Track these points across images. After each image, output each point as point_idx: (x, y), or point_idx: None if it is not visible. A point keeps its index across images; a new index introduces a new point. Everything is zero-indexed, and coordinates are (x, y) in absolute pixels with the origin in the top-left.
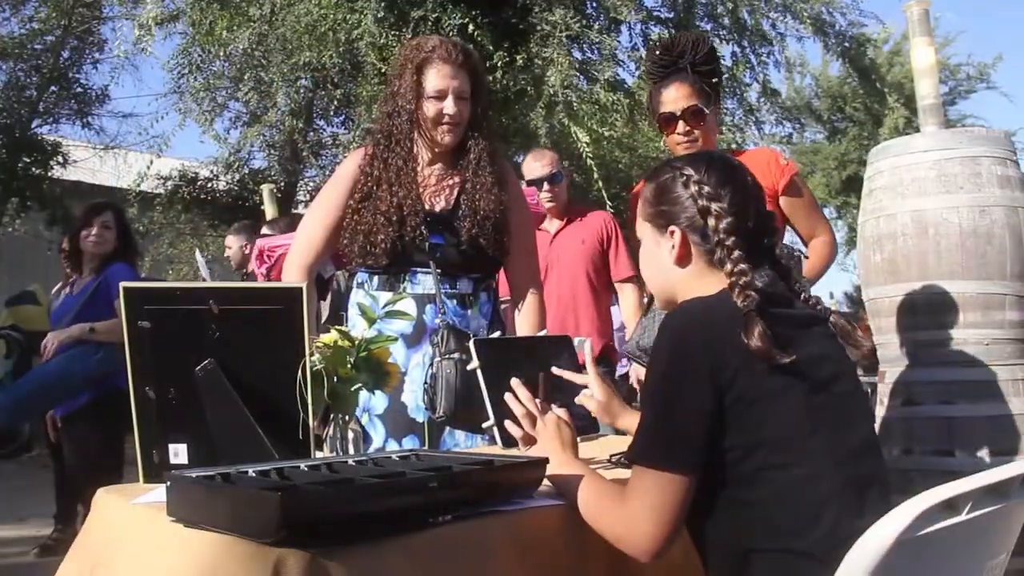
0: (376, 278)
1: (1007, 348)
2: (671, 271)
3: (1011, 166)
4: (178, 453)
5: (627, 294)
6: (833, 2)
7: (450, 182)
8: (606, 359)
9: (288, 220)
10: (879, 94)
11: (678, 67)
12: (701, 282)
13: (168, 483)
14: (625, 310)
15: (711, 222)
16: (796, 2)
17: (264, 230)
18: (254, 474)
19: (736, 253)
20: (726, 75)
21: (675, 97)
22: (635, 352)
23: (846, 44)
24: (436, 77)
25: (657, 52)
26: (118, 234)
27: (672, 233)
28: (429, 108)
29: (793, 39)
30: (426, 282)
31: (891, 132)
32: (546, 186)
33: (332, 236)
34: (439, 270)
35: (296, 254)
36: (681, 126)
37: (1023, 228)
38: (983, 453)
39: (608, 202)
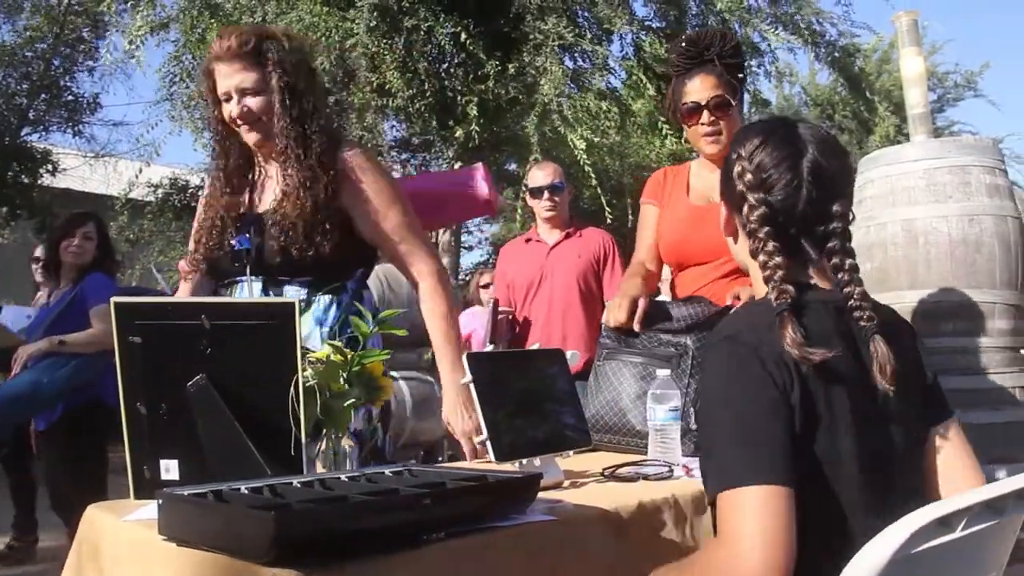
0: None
1: (997, 356)
2: (732, 245)
3: (999, 175)
4: (169, 469)
5: None
6: (824, 13)
7: (272, 182)
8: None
9: None
10: (869, 102)
11: (704, 59)
12: (754, 263)
13: (160, 501)
14: None
15: (745, 210)
16: (787, 13)
17: None
18: (246, 491)
19: (770, 245)
20: None
21: (700, 87)
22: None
23: (836, 54)
24: (219, 79)
25: (683, 45)
26: (98, 245)
27: (723, 206)
28: (225, 112)
29: (783, 49)
30: (254, 290)
31: (882, 140)
32: (547, 195)
33: None
34: (253, 276)
35: None
36: (706, 116)
37: (1012, 237)
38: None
39: (607, 208)
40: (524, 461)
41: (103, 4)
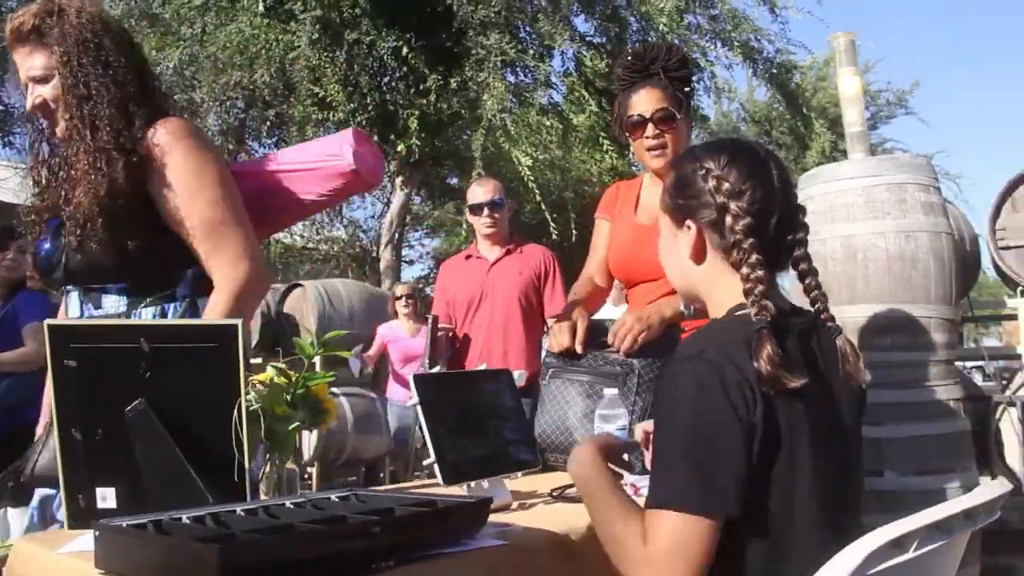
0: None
1: (932, 369)
2: (688, 266)
3: (934, 192)
4: (106, 497)
5: None
6: (761, 31)
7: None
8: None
9: None
10: (805, 118)
11: (649, 72)
12: (722, 282)
13: (96, 532)
14: None
15: (728, 221)
16: (726, 30)
17: None
18: (188, 520)
19: (754, 257)
20: None
21: (645, 101)
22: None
23: (773, 70)
24: (18, 69)
25: (629, 59)
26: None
27: (688, 228)
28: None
29: (722, 66)
30: (71, 303)
31: (818, 156)
32: (486, 211)
33: None
34: (70, 286)
35: None
36: (650, 129)
37: (945, 253)
38: (910, 472)
39: (552, 224)
40: (472, 483)
41: None
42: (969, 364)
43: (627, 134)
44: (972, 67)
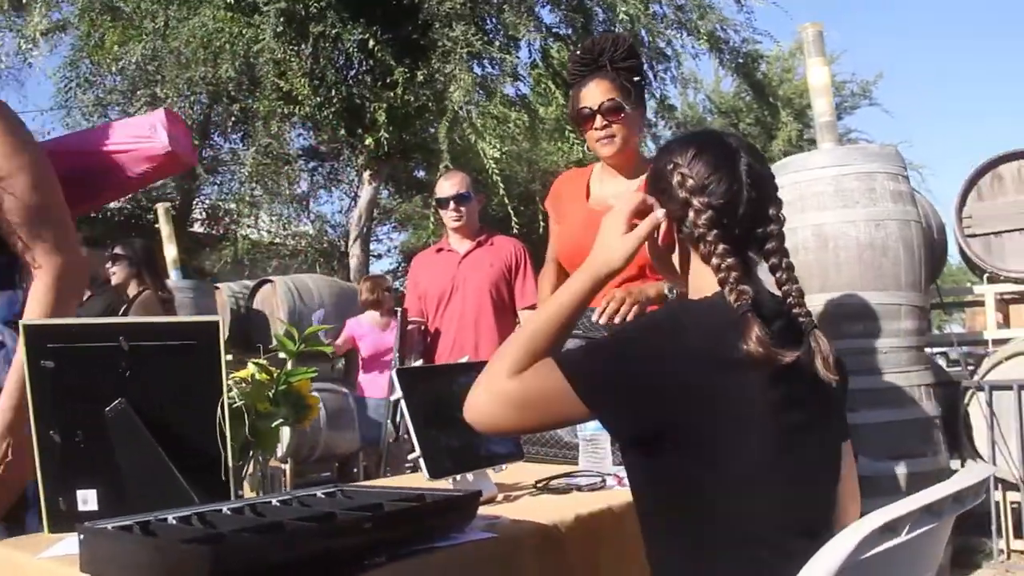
0: None
1: (903, 356)
2: (664, 256)
3: (902, 181)
4: (87, 500)
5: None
6: (727, 20)
7: None
8: None
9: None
10: (772, 107)
11: (598, 65)
12: (697, 270)
13: (81, 535)
14: None
15: (691, 216)
16: (692, 20)
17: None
18: (175, 521)
19: (720, 247)
20: None
21: (593, 93)
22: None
23: (740, 60)
24: None
25: (578, 53)
26: None
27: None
28: None
29: (688, 55)
30: None
31: (784, 145)
32: (452, 205)
33: None
34: None
35: None
36: (599, 121)
37: (915, 240)
38: (883, 456)
39: (515, 217)
40: (458, 477)
41: None
42: (934, 350)
43: (578, 127)
44: (935, 59)
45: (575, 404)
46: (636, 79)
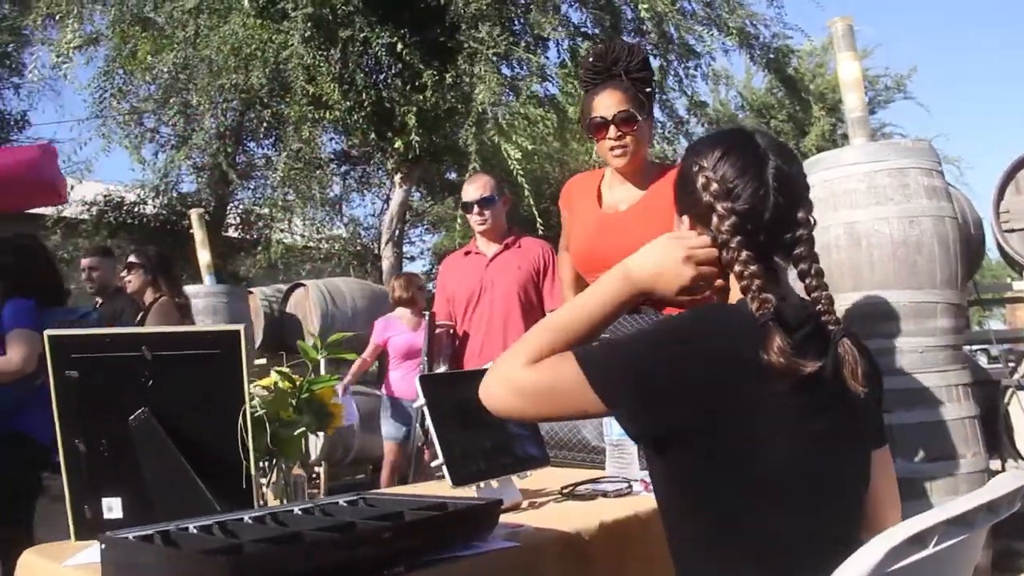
0: None
1: (939, 355)
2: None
3: (936, 176)
4: (112, 508)
5: None
6: (757, 15)
7: None
8: None
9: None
10: (804, 103)
11: (612, 74)
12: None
13: (103, 545)
14: None
15: (715, 220)
16: (721, 16)
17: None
18: (195, 530)
19: (744, 254)
20: (655, 89)
21: (607, 103)
22: None
23: (771, 56)
24: None
25: (591, 59)
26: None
27: (683, 221)
28: None
29: (719, 52)
30: None
31: (817, 140)
32: (477, 209)
33: None
34: None
35: None
36: (612, 131)
37: (950, 236)
38: (919, 458)
39: (538, 218)
40: (482, 484)
41: (29, 18)
42: (975, 347)
43: (590, 135)
44: (971, 51)
45: (592, 400)
46: (648, 90)
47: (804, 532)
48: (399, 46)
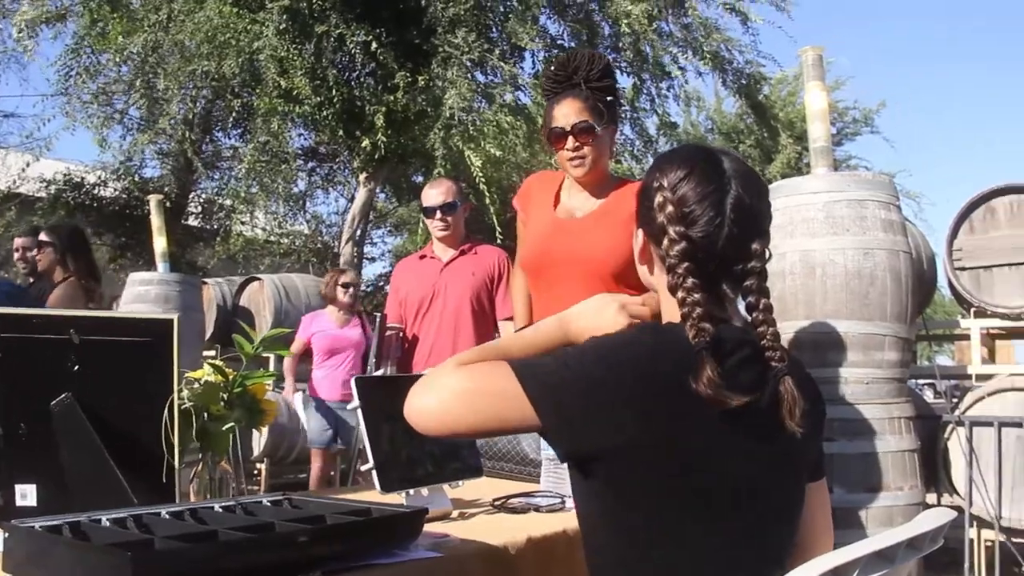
0: None
1: (884, 387)
2: (642, 269)
3: (894, 210)
4: (26, 495)
5: (509, 332)
6: (732, 41)
7: None
8: None
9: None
10: (772, 130)
11: (572, 83)
12: (670, 297)
13: (6, 533)
14: None
15: (665, 243)
16: (697, 39)
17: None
18: (108, 523)
19: (689, 282)
20: (626, 107)
21: (566, 112)
22: None
23: (743, 81)
24: None
25: (552, 68)
26: None
27: (639, 234)
28: None
29: (692, 74)
30: None
31: (782, 167)
32: (439, 214)
33: None
34: None
35: None
36: (570, 142)
37: (903, 271)
38: (858, 488)
39: (498, 228)
40: (411, 491)
41: None
42: (922, 381)
43: (550, 144)
44: (937, 88)
45: (524, 408)
46: (610, 99)
47: (724, 559)
48: (374, 45)
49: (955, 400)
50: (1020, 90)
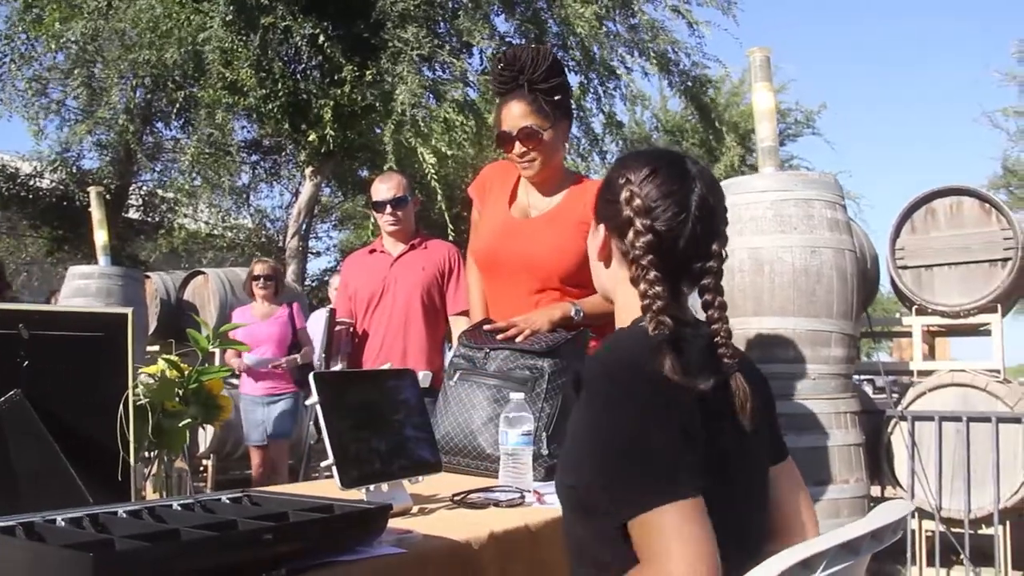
0: None
1: (831, 383)
2: (598, 266)
3: (839, 210)
4: None
5: (460, 327)
6: (679, 43)
7: None
8: (433, 389)
9: None
10: (717, 131)
11: (518, 83)
12: (626, 289)
13: None
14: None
15: (630, 236)
16: (644, 40)
17: None
18: (64, 523)
19: (652, 274)
20: (574, 106)
21: (513, 115)
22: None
23: (689, 83)
24: None
25: (500, 66)
26: None
27: (599, 230)
28: None
29: (638, 73)
30: None
31: (727, 169)
32: (389, 209)
33: None
34: None
35: None
36: (517, 147)
37: (848, 269)
38: (809, 482)
39: (449, 224)
40: (372, 487)
41: None
42: (861, 377)
43: (500, 147)
44: (876, 91)
45: (686, 504)
46: (558, 97)
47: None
48: (321, 38)
49: (895, 395)
50: (954, 93)
